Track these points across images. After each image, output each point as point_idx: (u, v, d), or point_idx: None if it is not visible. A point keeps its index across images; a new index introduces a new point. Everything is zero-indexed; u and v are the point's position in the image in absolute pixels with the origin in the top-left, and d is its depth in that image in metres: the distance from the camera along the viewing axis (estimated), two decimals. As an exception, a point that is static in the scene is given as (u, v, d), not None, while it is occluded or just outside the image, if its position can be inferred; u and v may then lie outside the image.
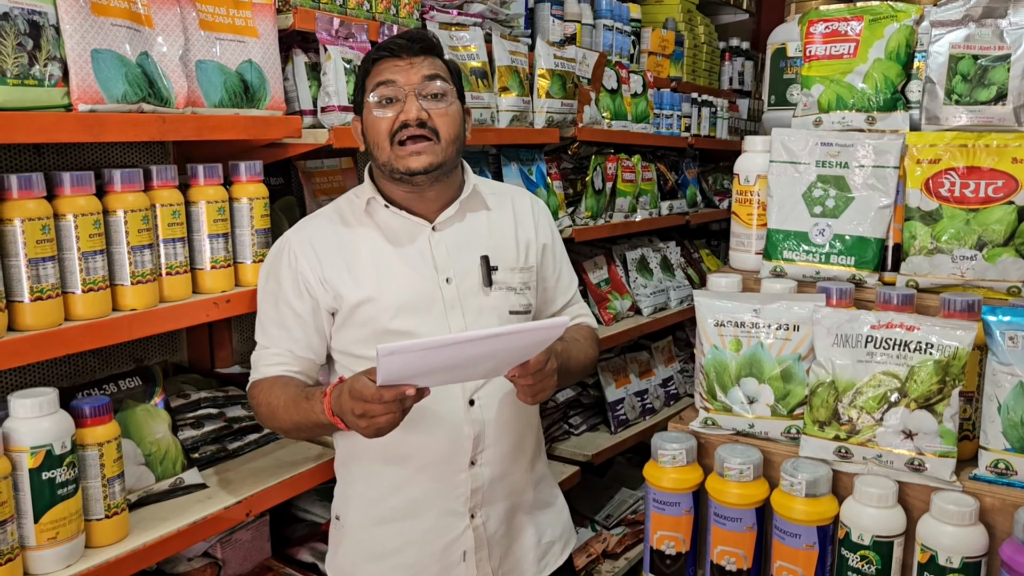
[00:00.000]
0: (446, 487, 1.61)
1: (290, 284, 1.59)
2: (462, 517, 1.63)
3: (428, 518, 1.62)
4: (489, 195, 1.69)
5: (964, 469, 1.45)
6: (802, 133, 1.73)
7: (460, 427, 1.59)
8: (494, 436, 1.63)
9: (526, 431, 1.71)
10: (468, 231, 1.64)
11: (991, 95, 1.59)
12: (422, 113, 1.51)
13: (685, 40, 3.95)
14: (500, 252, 1.66)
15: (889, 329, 1.46)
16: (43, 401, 1.34)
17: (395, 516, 1.63)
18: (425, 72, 1.53)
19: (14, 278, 1.37)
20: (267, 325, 1.63)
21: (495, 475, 1.64)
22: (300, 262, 1.59)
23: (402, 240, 1.61)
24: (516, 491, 1.69)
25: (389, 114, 1.52)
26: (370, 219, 1.62)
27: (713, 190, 4.22)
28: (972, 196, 1.57)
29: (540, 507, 1.77)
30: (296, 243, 1.61)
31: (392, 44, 1.53)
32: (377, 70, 1.54)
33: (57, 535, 1.37)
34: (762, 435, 1.59)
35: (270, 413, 1.56)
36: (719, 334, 1.62)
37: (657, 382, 3.46)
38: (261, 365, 1.61)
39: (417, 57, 1.53)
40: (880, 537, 1.38)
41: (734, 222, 1.88)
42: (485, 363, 1.36)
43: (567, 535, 1.84)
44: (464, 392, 1.59)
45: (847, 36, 1.73)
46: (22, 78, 1.33)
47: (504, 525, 1.68)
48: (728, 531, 1.52)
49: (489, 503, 1.65)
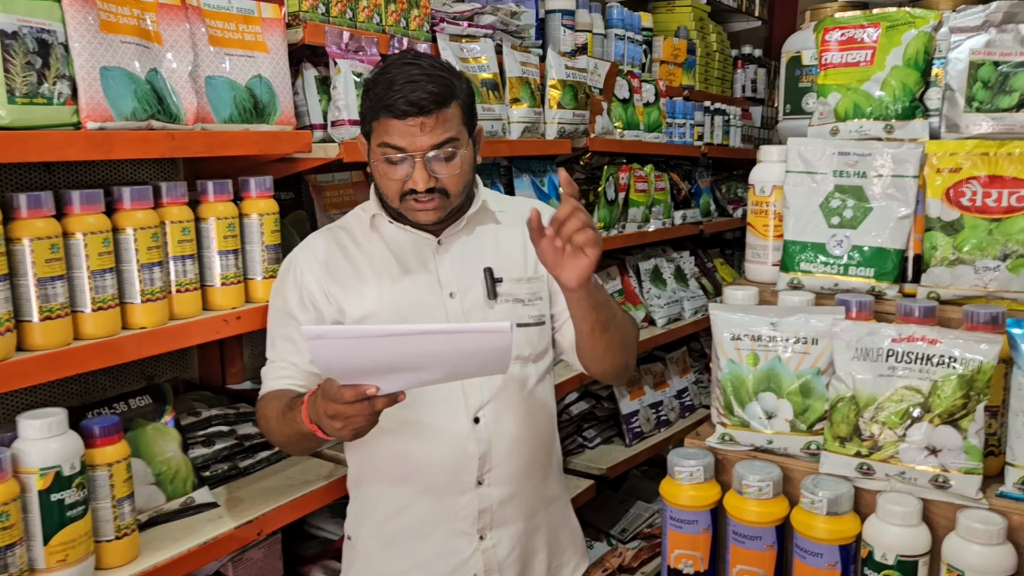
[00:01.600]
0: (451, 508, 1.59)
1: (295, 298, 1.59)
2: (470, 539, 1.60)
3: (435, 539, 1.60)
4: (499, 212, 1.67)
5: (990, 486, 1.41)
6: (819, 142, 1.70)
7: (464, 445, 1.56)
8: (503, 455, 1.60)
9: (539, 449, 1.68)
10: (474, 245, 1.63)
11: (1013, 102, 1.55)
12: (431, 182, 1.47)
13: (697, 48, 3.93)
14: (507, 264, 1.63)
15: (911, 343, 1.43)
16: (52, 422, 1.33)
17: (403, 537, 1.61)
18: (435, 139, 1.46)
19: (23, 297, 1.36)
20: (275, 340, 1.62)
21: (505, 496, 1.61)
22: (306, 276, 1.59)
23: (407, 254, 1.60)
24: (529, 512, 1.66)
25: (397, 176, 1.49)
26: (376, 234, 1.62)
27: (727, 199, 4.19)
28: (995, 205, 1.54)
29: (555, 527, 1.74)
30: (302, 258, 1.61)
31: (399, 107, 1.43)
32: (384, 126, 1.46)
33: (66, 557, 1.35)
34: (781, 451, 1.56)
35: (267, 427, 1.55)
36: (736, 348, 1.59)
37: (672, 393, 3.43)
38: (268, 379, 1.61)
39: (428, 117, 1.44)
40: (904, 556, 1.35)
41: (749, 233, 1.85)
42: (438, 367, 1.27)
43: (579, 557, 1.81)
44: (468, 409, 1.57)
45: (864, 43, 1.71)
46: (31, 97, 1.32)
47: (517, 548, 1.64)
48: (747, 550, 1.49)
49: (500, 525, 1.62)
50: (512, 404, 1.60)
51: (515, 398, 1.61)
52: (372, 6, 2.07)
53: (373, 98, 1.48)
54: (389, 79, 1.45)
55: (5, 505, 1.26)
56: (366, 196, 2.43)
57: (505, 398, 1.59)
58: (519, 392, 1.62)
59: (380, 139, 1.48)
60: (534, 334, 1.65)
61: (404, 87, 1.42)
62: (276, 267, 1.78)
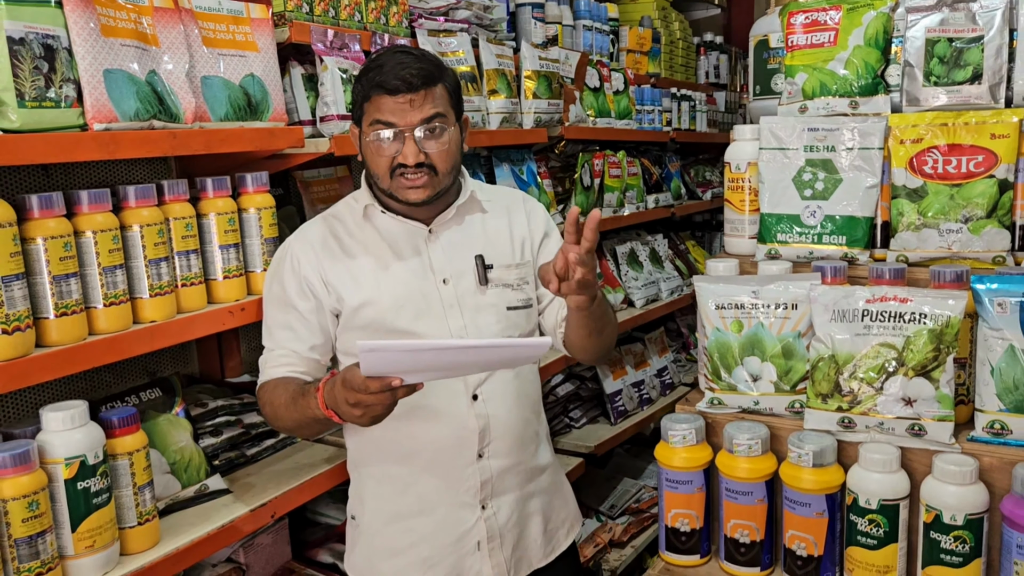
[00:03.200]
0: (455, 481, 1.66)
1: (294, 287, 1.63)
2: (473, 509, 1.68)
3: (439, 512, 1.67)
4: (485, 201, 1.74)
5: (962, 432, 1.52)
6: (789, 120, 1.79)
7: (465, 422, 1.64)
8: (499, 429, 1.67)
9: (530, 421, 1.76)
10: (464, 233, 1.69)
11: (967, 75, 1.66)
12: (420, 156, 1.53)
13: (662, 37, 4.03)
14: (495, 251, 1.70)
15: (883, 303, 1.53)
16: (75, 414, 1.38)
17: (408, 513, 1.67)
18: (424, 114, 1.52)
19: (39, 295, 1.40)
20: (273, 328, 1.66)
21: (503, 467, 1.69)
22: (303, 265, 1.63)
23: (400, 243, 1.65)
24: (524, 481, 1.74)
25: (388, 152, 1.54)
26: (368, 223, 1.67)
27: (695, 182, 4.30)
28: (955, 172, 1.64)
29: (547, 494, 1.82)
30: (298, 247, 1.65)
31: (390, 83, 1.50)
32: (376, 104, 1.53)
33: (94, 543, 1.41)
34: (767, 411, 1.65)
35: (273, 413, 1.59)
36: (720, 316, 1.68)
37: (652, 372, 3.52)
38: (267, 367, 1.64)
39: (417, 94, 1.51)
40: (886, 501, 1.45)
41: (727, 208, 1.94)
42: (469, 367, 1.39)
43: (572, 520, 1.89)
44: (467, 388, 1.64)
45: (827, 25, 1.80)
46: (39, 100, 1.37)
47: (515, 514, 1.73)
48: (740, 505, 1.58)
49: (499, 494, 1.70)
50: (505, 381, 1.68)
51: (508, 375, 1.69)
52: (353, 4, 2.13)
53: (365, 82, 1.55)
54: (380, 63, 1.53)
55: (35, 494, 1.31)
56: (350, 189, 2.50)
57: (499, 376, 1.67)
58: (511, 370, 1.70)
59: (372, 117, 1.54)
60: (522, 316, 1.73)
61: (395, 68, 1.50)
62: (275, 259, 1.84)
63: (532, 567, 1.77)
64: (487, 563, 1.69)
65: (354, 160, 2.55)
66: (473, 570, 1.69)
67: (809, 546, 1.51)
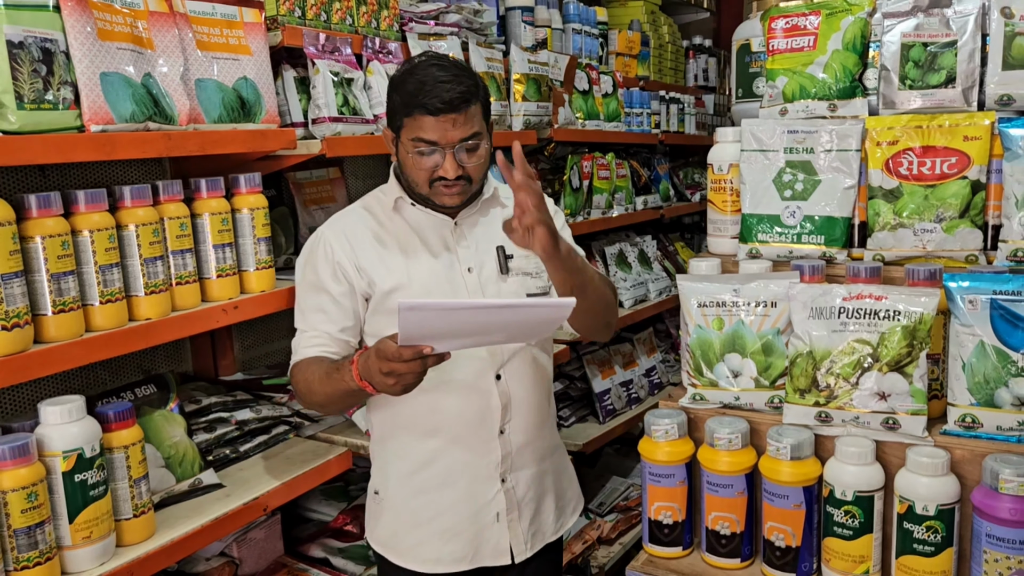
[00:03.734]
0: (479, 454, 1.75)
1: (327, 271, 1.71)
2: (494, 482, 1.76)
3: (462, 485, 1.75)
4: (505, 197, 1.84)
5: (934, 426, 1.56)
6: (769, 122, 1.84)
7: (489, 399, 1.73)
8: (519, 407, 1.77)
9: (545, 403, 1.86)
10: (486, 226, 1.79)
11: (941, 79, 1.71)
12: (459, 170, 1.63)
13: (651, 40, 4.08)
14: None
15: (859, 300, 1.57)
16: (72, 407, 1.42)
17: (431, 486, 1.75)
18: (463, 133, 1.61)
19: (38, 292, 1.44)
20: (306, 311, 1.74)
21: (521, 442, 1.78)
22: (336, 251, 1.71)
23: (427, 234, 1.75)
24: (539, 457, 1.84)
25: (428, 165, 1.63)
26: (398, 215, 1.76)
27: (684, 184, 4.34)
28: (929, 173, 1.69)
29: (558, 472, 1.91)
30: (331, 235, 1.73)
31: (432, 105, 1.57)
32: (418, 122, 1.60)
33: (91, 534, 1.44)
34: (747, 406, 1.70)
35: (307, 389, 1.66)
36: (702, 314, 1.72)
37: (641, 372, 3.57)
38: (300, 348, 1.71)
39: (458, 115, 1.59)
40: (861, 492, 1.49)
41: (710, 209, 1.99)
42: (498, 333, 1.46)
43: (577, 498, 2.00)
44: (492, 367, 1.73)
45: (806, 30, 1.85)
46: (38, 102, 1.40)
47: (532, 489, 1.82)
48: (721, 497, 1.63)
49: (517, 468, 1.79)
50: (525, 362, 1.78)
51: (527, 357, 1.79)
52: (345, 8, 2.16)
53: (404, 96, 1.61)
54: (419, 80, 1.59)
55: (33, 486, 1.34)
56: (343, 192, 2.54)
57: (520, 357, 1.77)
58: (530, 351, 1.80)
59: (413, 134, 1.61)
60: None
61: (436, 87, 1.57)
62: (268, 259, 1.87)
63: (545, 540, 1.86)
64: (506, 534, 1.78)
65: (346, 161, 2.59)
66: (492, 541, 1.77)
67: (787, 537, 1.56)
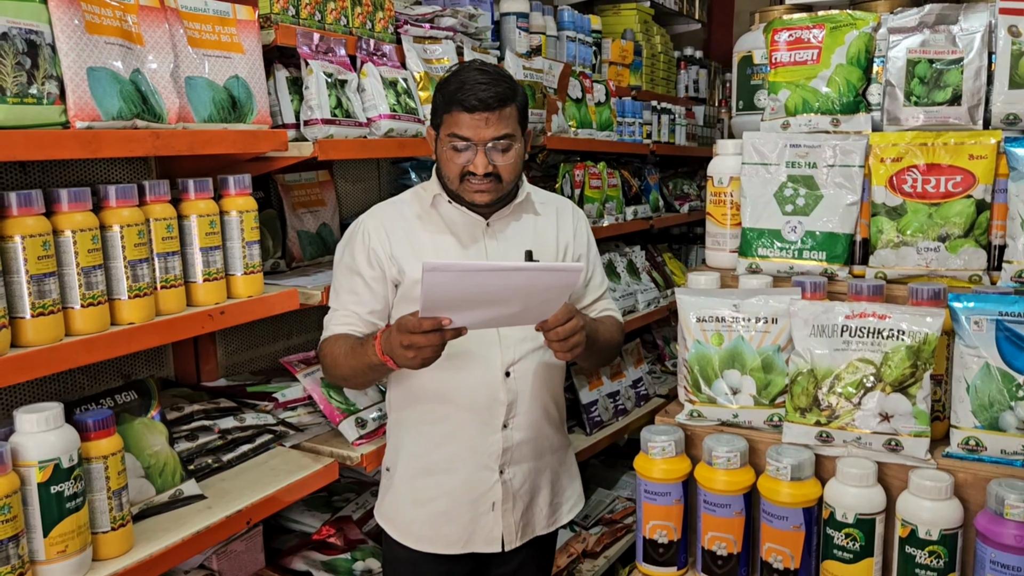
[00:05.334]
0: (481, 445, 1.83)
1: (363, 256, 1.81)
2: (493, 472, 1.85)
3: (463, 472, 1.84)
4: (539, 203, 1.92)
5: (937, 448, 1.54)
6: (772, 136, 1.81)
7: (497, 393, 1.81)
8: (525, 404, 1.85)
9: (550, 404, 1.93)
10: (517, 229, 1.87)
11: (947, 96, 1.69)
12: (488, 167, 1.71)
13: (643, 50, 4.06)
14: (542, 249, 1.86)
15: (862, 319, 1.55)
16: (50, 416, 1.36)
17: (436, 469, 1.85)
18: (495, 132, 1.70)
19: (16, 294, 1.38)
20: (340, 291, 1.84)
21: (523, 438, 1.86)
22: (372, 239, 1.80)
23: (460, 231, 1.83)
24: (539, 454, 1.91)
25: (460, 160, 1.72)
26: (435, 211, 1.84)
27: (673, 195, 4.32)
28: (933, 191, 1.67)
29: (557, 472, 1.98)
30: (370, 224, 1.83)
31: (468, 103, 1.67)
32: (455, 118, 1.70)
33: (66, 548, 1.38)
34: (746, 424, 1.66)
35: (332, 362, 1.76)
36: (701, 329, 1.69)
37: (628, 383, 3.53)
38: (332, 325, 1.82)
39: (492, 113, 1.68)
40: (863, 515, 1.46)
41: (709, 222, 1.96)
42: (513, 303, 1.52)
43: (576, 498, 2.06)
44: (502, 364, 1.81)
45: (810, 43, 1.83)
46: (21, 96, 1.35)
47: (528, 483, 1.89)
48: (718, 517, 1.59)
49: (516, 462, 1.87)
50: (536, 364, 1.85)
51: (538, 360, 1.86)
52: (340, 8, 2.12)
53: (446, 95, 1.72)
54: (461, 80, 1.70)
55: (7, 498, 1.28)
56: (331, 195, 2.49)
57: (532, 359, 1.85)
58: (542, 356, 1.86)
59: (449, 129, 1.72)
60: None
61: (475, 87, 1.68)
62: (256, 263, 1.82)
63: (535, 533, 1.94)
64: (499, 523, 1.86)
65: (336, 164, 2.54)
66: (486, 528, 1.86)
67: (786, 559, 1.52)
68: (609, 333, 1.93)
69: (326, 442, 2.05)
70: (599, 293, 2.03)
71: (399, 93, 2.20)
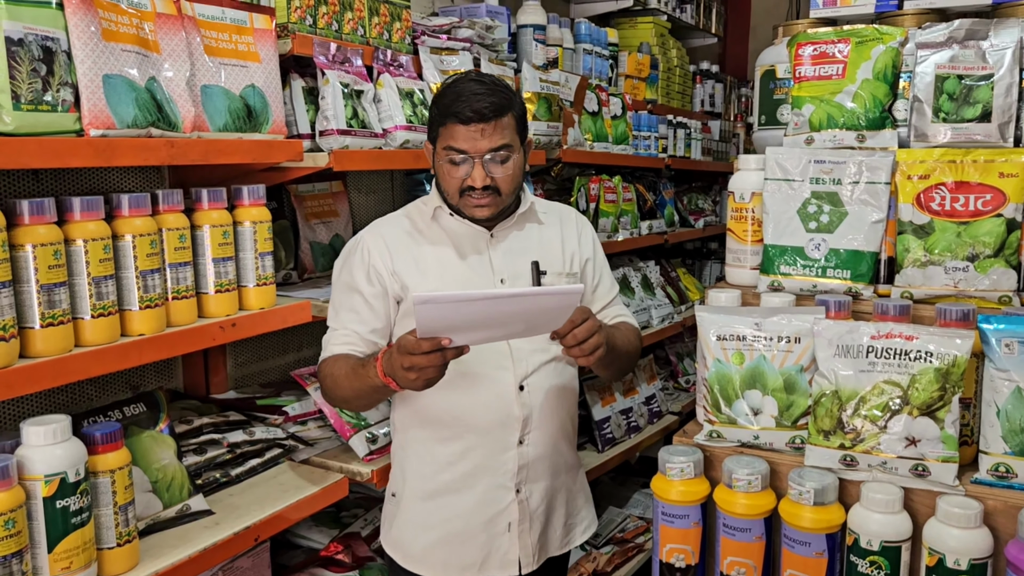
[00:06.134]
0: (497, 462, 1.76)
1: (362, 274, 1.74)
2: (509, 491, 1.78)
3: (477, 491, 1.77)
4: (542, 213, 1.87)
5: (965, 473, 1.49)
6: (795, 151, 1.78)
7: (511, 408, 1.74)
8: (540, 419, 1.78)
9: (566, 420, 1.87)
10: (522, 240, 1.81)
11: (976, 113, 1.65)
12: (487, 180, 1.67)
13: (660, 64, 4.03)
14: (548, 259, 1.81)
15: (889, 339, 1.50)
16: (56, 428, 1.33)
17: (447, 490, 1.78)
18: (492, 144, 1.65)
19: (26, 304, 1.35)
20: (339, 310, 1.77)
21: (539, 455, 1.79)
22: (373, 255, 1.75)
23: (464, 244, 1.78)
24: (555, 472, 1.85)
25: (458, 174, 1.67)
26: (436, 224, 1.79)
27: (688, 210, 4.29)
28: (962, 210, 1.63)
29: (572, 491, 1.93)
30: (370, 240, 1.77)
31: (464, 114, 1.62)
32: (450, 131, 1.65)
33: (71, 565, 1.35)
34: (767, 446, 1.62)
35: (333, 384, 1.69)
36: (722, 348, 1.65)
37: (641, 400, 3.49)
38: (331, 344, 1.75)
39: (488, 124, 1.63)
40: (888, 542, 1.41)
41: (729, 238, 1.92)
42: (515, 324, 1.47)
43: (590, 519, 2.01)
44: (515, 378, 1.75)
45: (835, 58, 1.80)
46: (36, 103, 1.33)
47: (544, 502, 1.83)
48: (737, 542, 1.55)
49: (533, 480, 1.80)
50: (551, 378, 1.80)
51: (553, 373, 1.80)
52: (357, 19, 2.10)
53: (441, 107, 1.67)
54: (456, 91, 1.65)
55: (12, 512, 1.25)
56: (346, 206, 2.46)
57: (546, 372, 1.79)
58: (556, 368, 1.81)
59: (446, 143, 1.67)
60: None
61: (470, 98, 1.63)
62: (269, 275, 1.80)
63: (549, 554, 1.88)
64: (515, 544, 1.79)
65: (350, 175, 2.52)
66: (502, 550, 1.79)
67: (808, 586, 1.48)
68: (626, 338, 1.86)
69: (336, 457, 2.01)
70: (609, 299, 1.98)
71: (415, 104, 2.18)
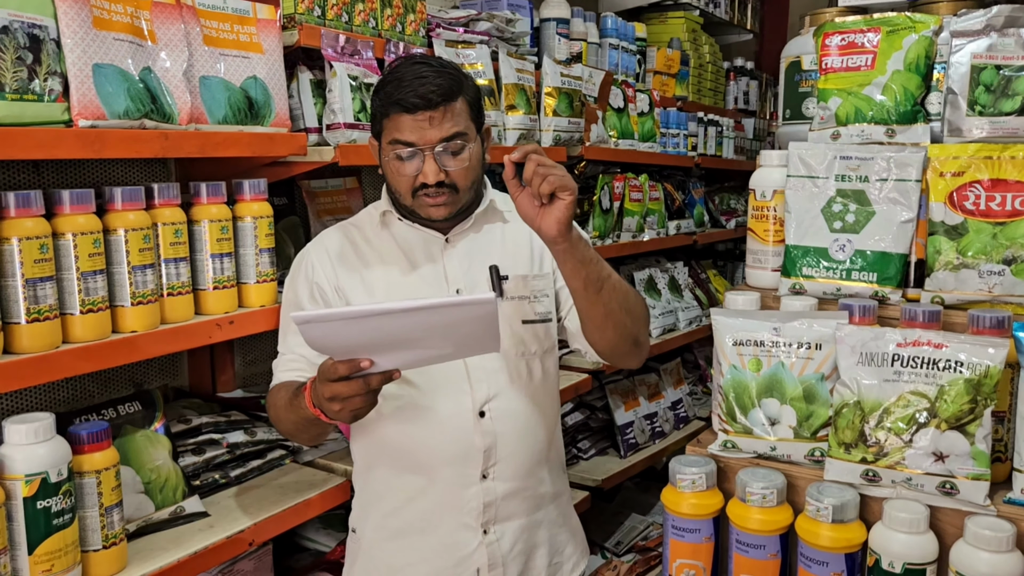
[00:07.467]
0: (457, 500, 1.59)
1: (306, 293, 1.61)
2: (475, 532, 1.60)
3: (440, 532, 1.60)
4: (507, 211, 1.67)
5: (997, 492, 1.39)
6: (820, 147, 1.68)
7: (469, 439, 1.57)
8: (507, 449, 1.60)
9: (543, 445, 1.68)
10: (481, 243, 1.64)
11: (1016, 105, 1.54)
12: (440, 175, 1.50)
13: (691, 60, 3.93)
14: (513, 261, 1.64)
15: (916, 347, 1.41)
16: (38, 427, 1.29)
17: (409, 530, 1.61)
18: (443, 132, 1.48)
19: (10, 299, 1.32)
20: (286, 333, 1.63)
21: (509, 490, 1.61)
22: (316, 272, 1.61)
23: (415, 252, 1.62)
24: (531, 508, 1.66)
25: (408, 171, 1.51)
26: (386, 231, 1.64)
27: (719, 210, 4.18)
28: (999, 209, 1.53)
29: (555, 525, 1.73)
30: (314, 254, 1.63)
31: (408, 101, 1.46)
32: (395, 122, 1.49)
33: (52, 567, 1.31)
34: (784, 458, 1.53)
35: (276, 416, 1.55)
36: (738, 353, 1.56)
37: (666, 404, 3.40)
38: (278, 371, 1.61)
39: (436, 111, 1.47)
40: (912, 564, 1.32)
41: (750, 238, 1.83)
42: (438, 342, 1.29)
43: (579, 554, 1.80)
44: (474, 403, 1.58)
45: (864, 48, 1.70)
46: (21, 93, 1.29)
47: (519, 543, 1.64)
48: (751, 559, 1.46)
49: (503, 519, 1.62)
50: (518, 399, 1.61)
51: (521, 393, 1.61)
52: (368, 10, 2.05)
53: (383, 96, 1.50)
54: (398, 77, 1.48)
55: (-11, 512, 1.22)
56: (360, 203, 2.42)
57: (511, 393, 1.60)
58: (525, 387, 1.63)
59: (391, 136, 1.50)
60: (540, 330, 1.65)
61: (413, 82, 1.46)
62: (270, 271, 1.75)
63: None
64: None
65: (364, 171, 2.47)
66: None
67: (825, 609, 1.39)
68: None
69: (340, 459, 1.96)
70: None
71: (428, 98, 2.12)
